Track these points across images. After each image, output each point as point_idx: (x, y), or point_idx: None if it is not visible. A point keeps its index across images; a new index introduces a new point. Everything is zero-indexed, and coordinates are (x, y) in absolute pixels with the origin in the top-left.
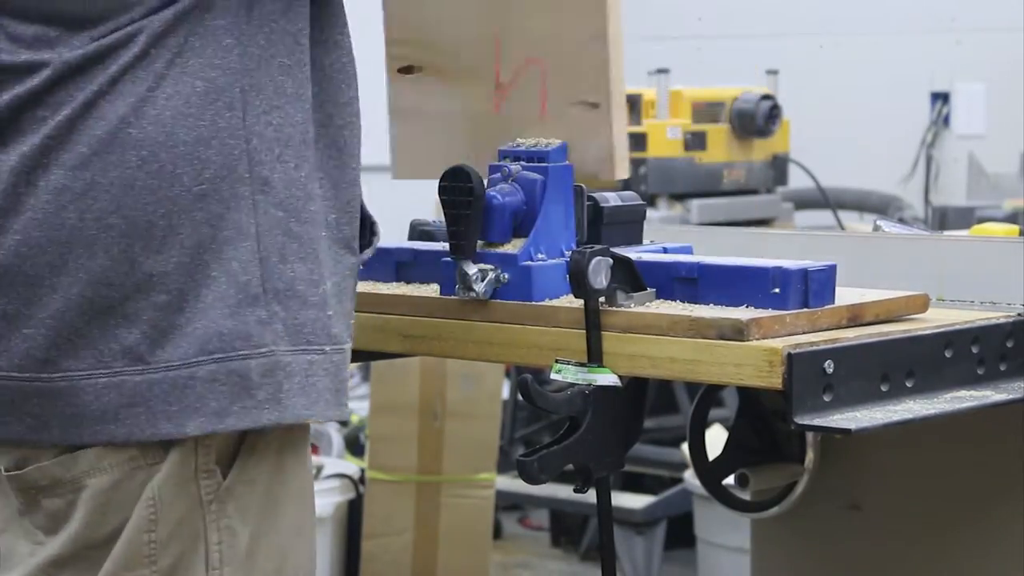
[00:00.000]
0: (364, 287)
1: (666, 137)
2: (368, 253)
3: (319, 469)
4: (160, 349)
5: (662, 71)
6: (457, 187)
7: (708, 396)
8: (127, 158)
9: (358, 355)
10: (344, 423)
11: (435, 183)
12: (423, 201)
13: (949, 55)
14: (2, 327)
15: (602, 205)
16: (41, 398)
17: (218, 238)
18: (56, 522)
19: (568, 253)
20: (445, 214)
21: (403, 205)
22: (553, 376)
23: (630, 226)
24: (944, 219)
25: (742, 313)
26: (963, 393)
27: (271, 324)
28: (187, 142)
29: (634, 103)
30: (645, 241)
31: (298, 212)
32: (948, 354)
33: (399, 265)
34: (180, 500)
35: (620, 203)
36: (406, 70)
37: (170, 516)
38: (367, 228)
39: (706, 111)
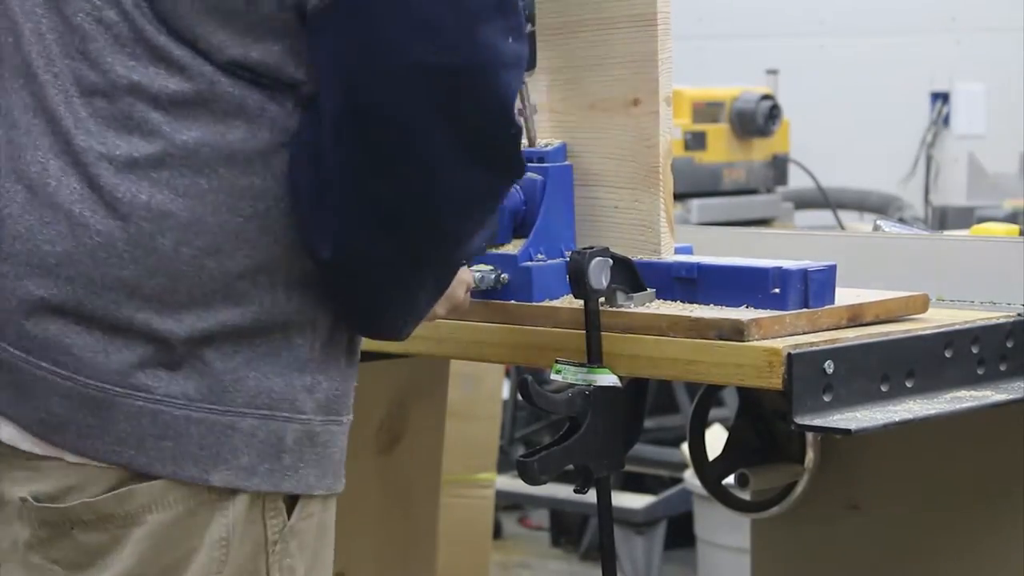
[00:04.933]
0: None
1: None
2: None
3: None
4: (208, 391)
5: None
6: None
7: (708, 396)
8: (241, 206)
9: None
10: None
11: None
12: None
13: (949, 55)
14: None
15: None
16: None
17: (292, 299)
18: (91, 557)
19: (568, 253)
20: None
21: None
22: (553, 376)
23: None
24: (944, 219)
25: (742, 313)
26: (963, 393)
27: (314, 393)
28: (287, 203)
29: None
30: None
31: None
32: (948, 354)
33: None
34: (248, 540)
35: None
36: None
37: (240, 556)
38: None
39: (706, 111)
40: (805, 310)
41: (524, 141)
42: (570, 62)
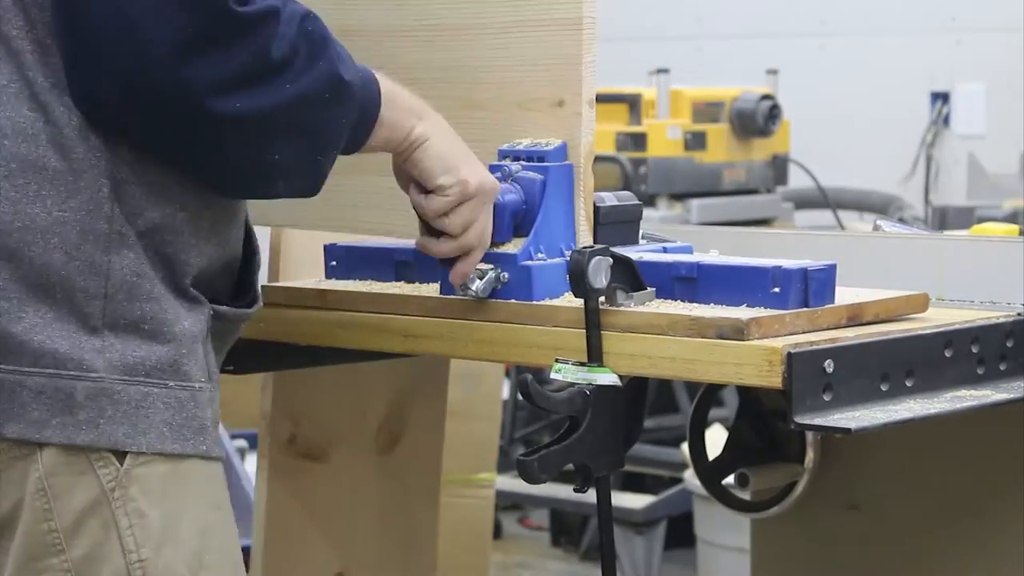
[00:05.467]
0: (364, 287)
1: (666, 137)
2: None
3: None
4: None
5: (662, 71)
6: None
7: (708, 396)
8: None
9: (359, 355)
10: None
11: None
12: None
13: (949, 55)
14: None
15: (598, 205)
16: None
17: (68, 266)
18: None
19: (568, 253)
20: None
21: None
22: (553, 376)
23: (626, 226)
24: (944, 219)
25: (742, 313)
26: (963, 393)
27: (105, 354)
28: (58, 169)
29: (634, 103)
30: (640, 241)
31: (157, 254)
32: (948, 354)
33: (399, 265)
34: (79, 490)
35: (616, 203)
36: None
37: (69, 506)
38: (251, 288)
39: (706, 111)
40: (805, 309)
41: None
42: (501, 61)
